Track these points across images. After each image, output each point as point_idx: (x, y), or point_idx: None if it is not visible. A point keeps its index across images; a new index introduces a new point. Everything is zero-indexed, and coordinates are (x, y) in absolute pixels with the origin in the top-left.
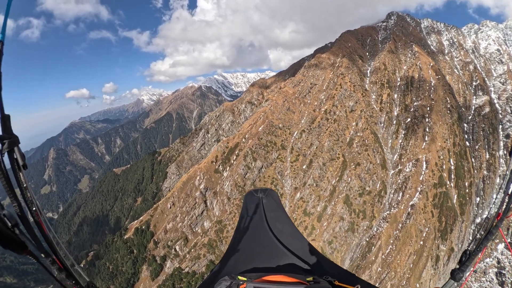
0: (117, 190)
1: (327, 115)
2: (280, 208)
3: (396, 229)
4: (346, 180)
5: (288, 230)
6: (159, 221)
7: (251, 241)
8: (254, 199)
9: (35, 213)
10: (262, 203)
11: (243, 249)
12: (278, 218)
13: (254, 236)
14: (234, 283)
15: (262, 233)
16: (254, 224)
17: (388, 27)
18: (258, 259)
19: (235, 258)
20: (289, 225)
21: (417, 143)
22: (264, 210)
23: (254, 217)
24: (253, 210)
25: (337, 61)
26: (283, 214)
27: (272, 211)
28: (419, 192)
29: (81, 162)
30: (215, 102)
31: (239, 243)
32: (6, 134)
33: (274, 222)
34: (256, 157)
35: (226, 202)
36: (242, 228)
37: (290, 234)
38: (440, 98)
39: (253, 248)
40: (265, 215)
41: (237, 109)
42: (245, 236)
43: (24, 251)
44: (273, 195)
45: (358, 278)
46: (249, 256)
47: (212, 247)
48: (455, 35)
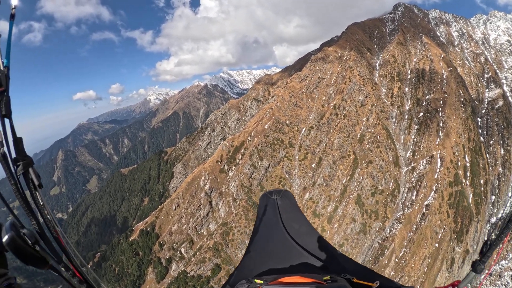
0: (124, 190)
1: (336, 110)
2: (295, 209)
3: (410, 230)
4: (357, 179)
5: (304, 229)
6: (164, 223)
7: (267, 243)
8: (270, 201)
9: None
10: (277, 205)
11: (259, 251)
12: (294, 219)
13: (270, 238)
14: (251, 286)
15: (278, 235)
16: (270, 226)
17: (395, 18)
18: (275, 261)
19: (252, 261)
20: (305, 224)
21: (430, 139)
22: (279, 212)
23: (269, 219)
24: (269, 212)
25: (344, 54)
26: (299, 214)
27: (287, 212)
28: (434, 191)
29: (90, 163)
30: (222, 100)
31: (256, 245)
32: (20, 156)
33: (290, 222)
34: (263, 155)
35: (232, 203)
36: (258, 231)
37: (306, 233)
38: (453, 91)
39: (269, 249)
40: (280, 216)
41: (242, 106)
42: (261, 238)
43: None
44: (288, 196)
45: (377, 274)
46: (266, 258)
47: (218, 251)
48: (464, 26)
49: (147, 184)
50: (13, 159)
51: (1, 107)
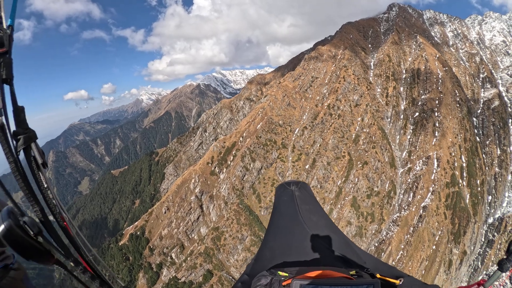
0: (115, 192)
1: (330, 110)
2: (313, 201)
3: (407, 233)
4: (353, 180)
5: (323, 222)
6: (154, 227)
7: (286, 235)
8: (287, 192)
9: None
10: (295, 196)
11: (278, 243)
12: (312, 211)
13: (289, 229)
14: (275, 279)
15: (297, 226)
16: (288, 217)
17: (390, 18)
18: (294, 253)
19: (270, 253)
20: (323, 217)
21: (427, 139)
22: (297, 203)
23: (287, 210)
24: (286, 203)
25: (338, 53)
26: (317, 206)
27: (305, 203)
28: (431, 192)
29: (81, 164)
30: (214, 100)
31: (274, 237)
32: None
33: (308, 214)
34: (255, 157)
35: (223, 207)
36: (276, 222)
37: (325, 226)
38: (449, 90)
39: (288, 242)
40: (298, 208)
41: (235, 106)
42: (279, 229)
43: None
44: (306, 187)
45: (399, 271)
46: (285, 250)
47: (209, 256)
48: (459, 27)
49: (138, 186)
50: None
51: (1, 70)
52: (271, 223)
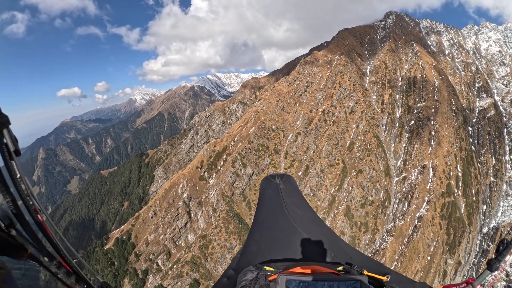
0: (103, 193)
1: (325, 116)
2: (298, 194)
3: (402, 243)
4: (346, 189)
5: (308, 216)
6: (140, 232)
7: (272, 229)
8: (272, 185)
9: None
10: (280, 189)
11: (263, 237)
12: (297, 204)
13: (274, 223)
14: (261, 274)
15: (282, 220)
16: (273, 210)
17: (386, 26)
18: (281, 248)
19: (256, 247)
20: (309, 211)
21: (422, 148)
22: (282, 196)
23: (272, 203)
24: (271, 196)
25: (334, 59)
26: (302, 200)
27: (290, 196)
28: (426, 202)
29: (71, 163)
30: (208, 102)
31: (259, 230)
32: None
33: (293, 208)
34: (246, 162)
35: (211, 214)
36: (261, 215)
37: (311, 220)
38: (445, 99)
39: (274, 235)
40: (283, 201)
41: (228, 109)
42: (264, 223)
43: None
44: (290, 180)
45: (387, 268)
46: (271, 245)
47: (196, 265)
48: (455, 36)
49: (127, 188)
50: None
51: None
52: (256, 217)
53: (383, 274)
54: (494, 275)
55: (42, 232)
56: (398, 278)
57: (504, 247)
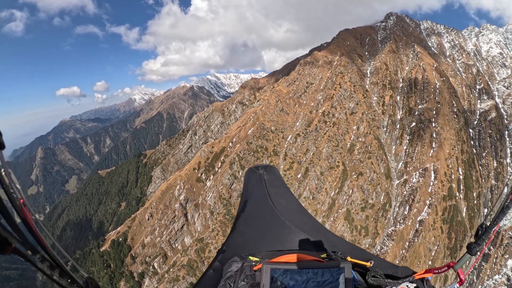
0: (101, 193)
1: (325, 117)
2: (282, 184)
3: (403, 248)
4: (347, 192)
5: (292, 206)
6: (136, 234)
7: (256, 219)
8: (255, 175)
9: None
10: (263, 180)
11: (248, 227)
12: (281, 194)
13: (259, 213)
14: (246, 264)
15: (266, 210)
16: (257, 201)
17: (387, 27)
18: (266, 238)
19: (241, 238)
20: (293, 201)
21: (424, 150)
22: (266, 187)
23: (256, 194)
24: (255, 187)
25: (335, 60)
26: (286, 190)
27: (274, 187)
28: (428, 205)
29: (69, 162)
30: (207, 102)
31: (244, 221)
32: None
33: (277, 198)
34: (244, 164)
35: (208, 217)
36: (245, 206)
37: (295, 210)
38: (446, 101)
39: (259, 226)
40: (267, 191)
41: (227, 109)
42: (249, 214)
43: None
44: (274, 171)
45: (370, 254)
46: (256, 235)
47: (193, 268)
48: (456, 38)
49: (125, 188)
50: None
51: None
52: (240, 208)
53: (367, 260)
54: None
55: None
56: (381, 263)
57: (482, 231)
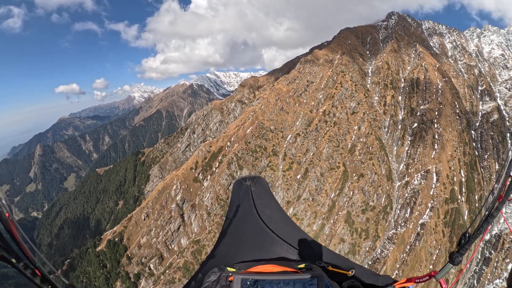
0: (99, 191)
1: (325, 116)
2: (269, 195)
3: (404, 251)
4: (347, 194)
5: (277, 216)
6: (132, 234)
7: (241, 230)
8: (243, 187)
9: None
10: (250, 191)
11: (232, 238)
12: (267, 205)
13: (244, 224)
14: (223, 275)
15: (252, 221)
16: (243, 212)
17: (389, 26)
18: (248, 248)
19: (225, 248)
20: (278, 211)
21: (426, 152)
22: (253, 198)
23: (243, 205)
24: (242, 198)
25: (336, 58)
26: (272, 200)
27: (261, 198)
28: (429, 208)
29: (68, 160)
30: (207, 100)
31: (229, 232)
32: None
33: (263, 208)
34: (243, 164)
35: (205, 218)
36: (231, 217)
37: (279, 220)
38: (449, 102)
39: (243, 236)
40: (254, 202)
41: (226, 108)
42: (234, 225)
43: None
44: (261, 182)
45: (352, 263)
46: (239, 245)
47: (189, 271)
48: (458, 38)
49: (122, 186)
50: None
51: None
52: (226, 219)
53: (348, 269)
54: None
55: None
56: (363, 271)
57: (465, 240)
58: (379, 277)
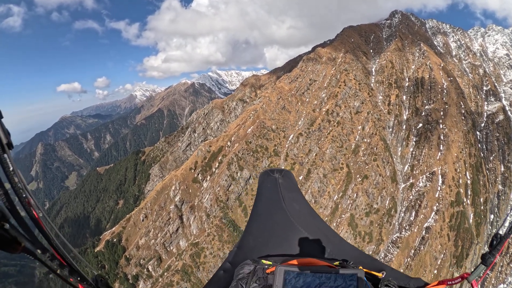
0: (99, 190)
1: (328, 116)
2: (296, 189)
3: (408, 256)
4: (351, 196)
5: (305, 211)
6: (131, 235)
7: (269, 223)
8: (271, 179)
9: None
10: (278, 183)
11: (260, 230)
12: (295, 199)
13: (272, 217)
14: (259, 267)
15: (280, 214)
16: (271, 205)
17: (392, 24)
18: (278, 242)
19: (253, 241)
20: (306, 206)
21: (431, 153)
22: (281, 191)
23: (270, 197)
24: (270, 190)
25: (339, 56)
26: (300, 195)
27: (289, 191)
28: (435, 212)
29: (69, 158)
30: (208, 99)
31: (257, 224)
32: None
33: (291, 202)
34: (243, 165)
35: (204, 220)
36: (259, 209)
37: (308, 215)
38: (454, 102)
39: (271, 230)
40: (282, 195)
41: (227, 106)
42: (262, 217)
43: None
44: (289, 175)
45: (382, 264)
46: (268, 238)
47: (187, 274)
48: (462, 37)
49: (123, 186)
50: None
51: None
52: (254, 210)
53: (379, 270)
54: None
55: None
56: (394, 274)
57: (497, 241)
58: (411, 280)
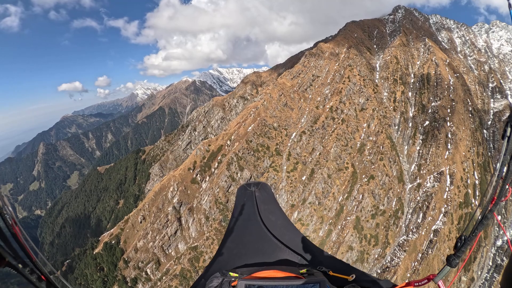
0: (100, 190)
1: (333, 113)
2: (273, 201)
3: (415, 260)
4: (356, 197)
5: (280, 222)
6: (129, 237)
7: (244, 235)
8: (247, 193)
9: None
10: (255, 197)
11: (235, 243)
12: (270, 211)
13: (247, 230)
14: (226, 280)
15: (255, 227)
16: (247, 217)
17: (396, 20)
18: (251, 254)
19: (227, 253)
20: (282, 217)
21: (438, 152)
22: (257, 204)
23: (246, 210)
24: (246, 203)
25: (342, 52)
26: (275, 206)
27: (265, 203)
28: (443, 214)
29: (71, 158)
30: (209, 97)
31: (232, 237)
32: None
33: (266, 214)
34: (243, 165)
35: (203, 222)
36: (235, 222)
37: (283, 226)
38: (461, 99)
39: (246, 242)
40: (257, 208)
41: (228, 104)
42: (237, 230)
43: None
44: (266, 188)
45: (353, 268)
46: (242, 251)
47: (186, 278)
48: (466, 33)
49: (123, 185)
50: None
51: None
52: (229, 225)
53: (349, 274)
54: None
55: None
56: (363, 277)
57: (462, 243)
58: (379, 282)
